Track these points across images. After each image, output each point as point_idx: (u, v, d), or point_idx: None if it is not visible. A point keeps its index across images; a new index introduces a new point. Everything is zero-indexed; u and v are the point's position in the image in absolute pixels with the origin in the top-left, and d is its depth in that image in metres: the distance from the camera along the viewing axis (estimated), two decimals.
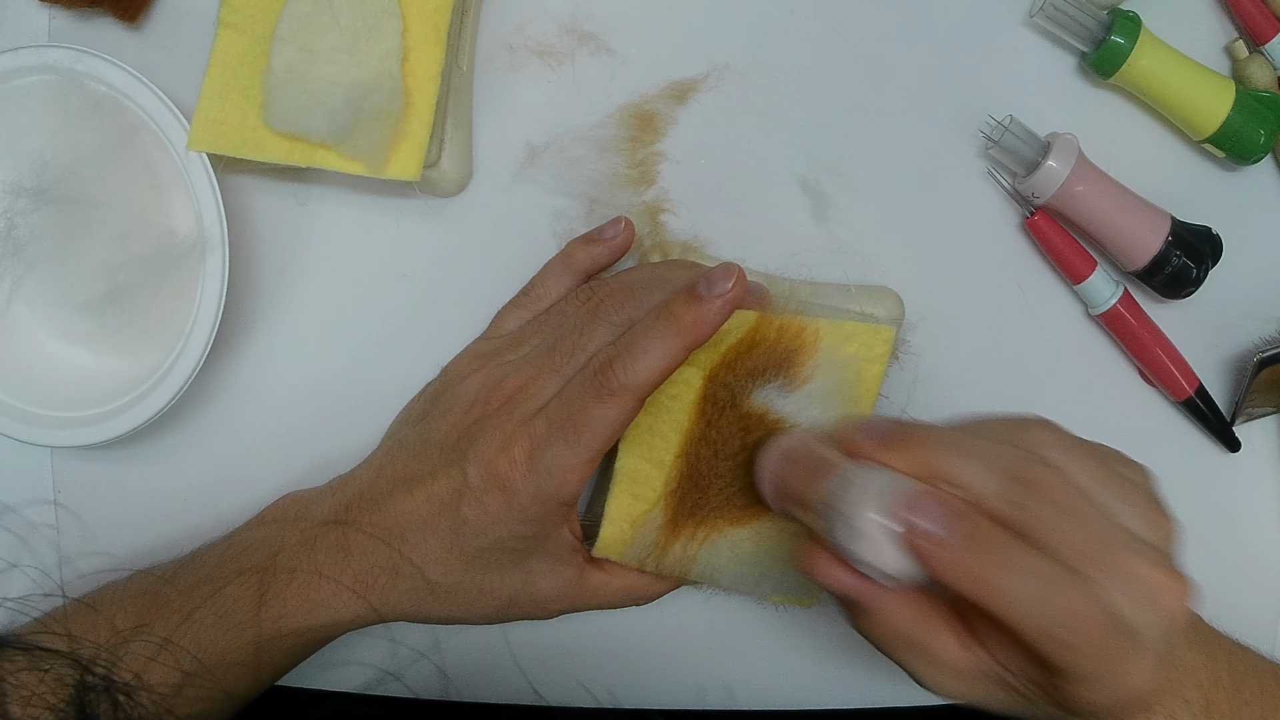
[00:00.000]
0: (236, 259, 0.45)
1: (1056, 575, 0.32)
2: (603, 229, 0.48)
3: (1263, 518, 0.52)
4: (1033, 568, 0.32)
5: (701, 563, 0.44)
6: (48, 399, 0.46)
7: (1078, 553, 0.32)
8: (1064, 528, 0.32)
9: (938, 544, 0.32)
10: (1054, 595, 0.31)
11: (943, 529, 0.32)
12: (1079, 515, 0.33)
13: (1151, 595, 0.32)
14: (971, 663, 0.35)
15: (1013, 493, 0.33)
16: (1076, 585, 0.32)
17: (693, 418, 0.43)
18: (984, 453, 0.34)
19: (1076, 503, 0.33)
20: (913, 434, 0.35)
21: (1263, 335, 0.50)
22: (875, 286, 0.48)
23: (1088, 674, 0.32)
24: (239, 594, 0.41)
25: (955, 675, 0.35)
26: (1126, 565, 0.32)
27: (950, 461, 0.34)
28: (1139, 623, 0.32)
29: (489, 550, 0.42)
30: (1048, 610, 0.31)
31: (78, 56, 0.43)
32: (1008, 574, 0.32)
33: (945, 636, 0.35)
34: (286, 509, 0.46)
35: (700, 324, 0.39)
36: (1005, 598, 0.31)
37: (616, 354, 0.40)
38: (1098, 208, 0.47)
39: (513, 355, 0.45)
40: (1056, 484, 0.33)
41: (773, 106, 0.49)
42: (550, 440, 0.40)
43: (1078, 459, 0.35)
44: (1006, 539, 0.32)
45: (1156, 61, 0.46)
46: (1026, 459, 0.34)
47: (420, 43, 0.44)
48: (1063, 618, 0.31)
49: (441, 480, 0.42)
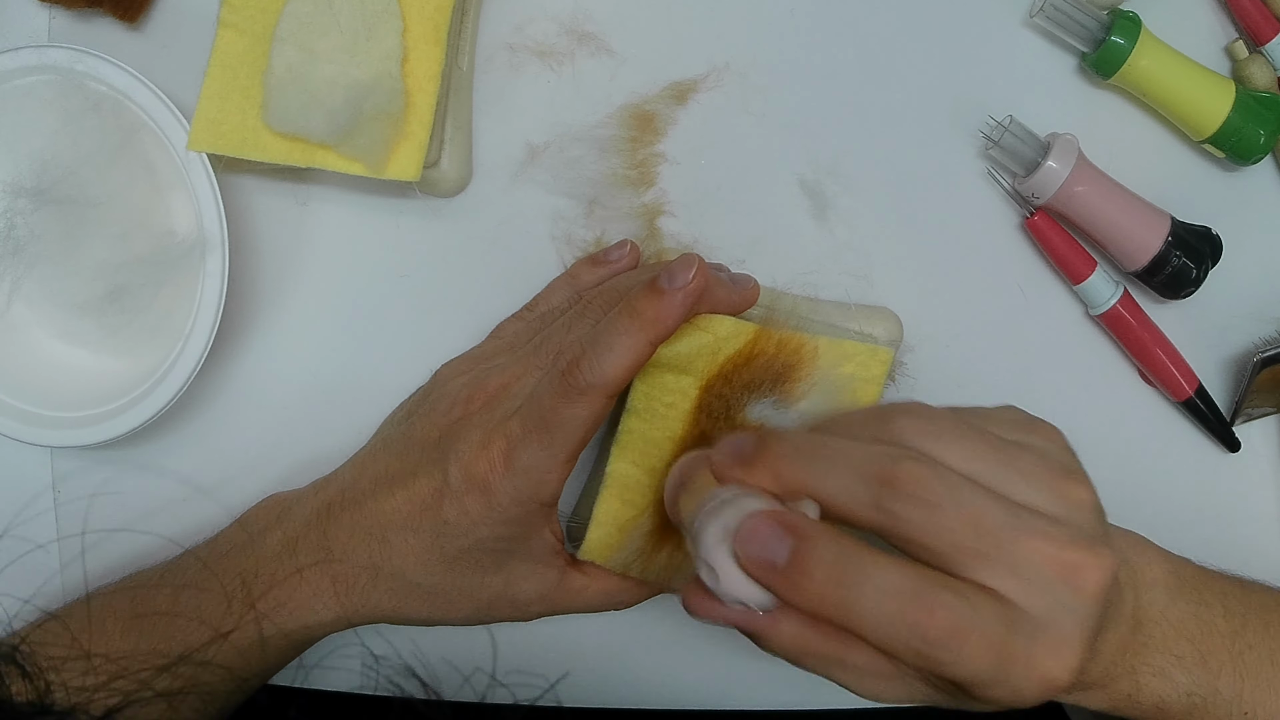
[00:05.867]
0: (236, 259, 0.45)
1: (916, 587, 0.29)
2: (608, 251, 0.47)
3: (1263, 518, 0.51)
4: (883, 584, 0.29)
5: (686, 572, 0.44)
6: (48, 399, 0.46)
7: (957, 549, 0.30)
8: (937, 525, 0.30)
9: (775, 572, 0.30)
10: (915, 611, 0.29)
11: (775, 555, 0.30)
12: (955, 507, 0.30)
13: (1060, 577, 0.30)
14: (888, 665, 0.32)
15: (877, 496, 0.30)
16: (943, 594, 0.29)
17: (687, 427, 0.43)
18: (845, 457, 0.32)
19: (952, 494, 0.30)
20: (769, 448, 0.33)
21: (1262, 335, 0.50)
22: (875, 307, 0.48)
23: (988, 679, 0.30)
24: (220, 598, 0.41)
25: (878, 679, 0.33)
26: (1021, 551, 0.30)
27: (808, 473, 0.32)
28: (1045, 611, 0.30)
29: (470, 551, 0.41)
30: (911, 630, 0.29)
31: (78, 56, 0.43)
32: (855, 593, 0.29)
33: (854, 643, 0.32)
34: (268, 510, 0.46)
35: (662, 317, 0.39)
36: (860, 620, 0.29)
37: (583, 352, 0.39)
38: (1098, 208, 0.47)
39: (502, 359, 0.45)
40: (925, 477, 0.30)
41: (773, 107, 0.49)
42: (525, 441, 0.40)
43: (955, 440, 0.32)
44: (851, 556, 0.30)
45: (1156, 62, 0.46)
46: (890, 455, 0.31)
47: (420, 43, 0.44)
48: (931, 634, 0.29)
49: (423, 480, 0.42)
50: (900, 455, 0.31)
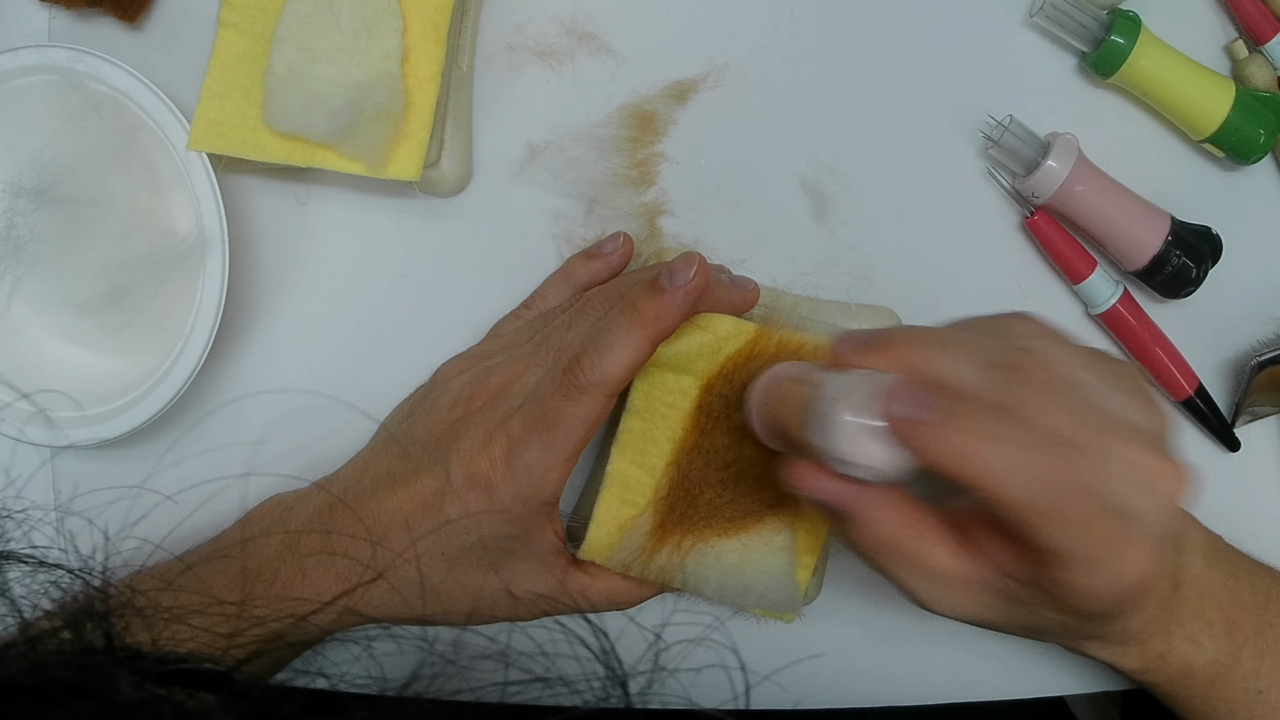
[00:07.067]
0: (236, 259, 0.45)
1: (1044, 445, 0.31)
2: (602, 244, 0.47)
3: (1263, 518, 0.51)
4: (1016, 438, 0.31)
5: (686, 571, 0.44)
6: (48, 399, 0.46)
7: (1066, 433, 0.31)
8: (1050, 409, 0.32)
9: (918, 425, 0.32)
10: (1041, 464, 0.31)
11: (921, 410, 0.32)
12: (1066, 399, 0.32)
13: (1147, 480, 0.32)
14: (965, 572, 0.34)
15: (996, 379, 0.32)
16: (1065, 455, 0.31)
17: (687, 427, 0.43)
18: (965, 346, 0.34)
19: (1062, 387, 0.32)
20: (891, 335, 0.35)
21: (1262, 335, 0.50)
22: (876, 306, 0.48)
23: (1080, 554, 0.31)
24: (222, 599, 0.41)
25: (949, 587, 0.34)
26: (1118, 449, 0.32)
27: (930, 357, 0.34)
28: (1134, 506, 0.31)
29: (472, 550, 0.41)
30: (1035, 482, 0.31)
31: (78, 56, 0.44)
32: (991, 446, 0.31)
33: (936, 547, 0.34)
34: (270, 510, 0.46)
35: (663, 316, 0.39)
36: (991, 471, 0.31)
37: (584, 350, 0.39)
38: (1098, 208, 0.47)
39: (503, 357, 0.45)
40: (1041, 369, 0.33)
41: (773, 106, 0.49)
42: (527, 440, 0.40)
43: (1063, 347, 0.34)
44: (988, 413, 0.32)
45: (1156, 61, 0.47)
46: (1009, 348, 0.34)
47: (420, 43, 0.44)
48: (1051, 488, 0.31)
49: (425, 479, 0.42)
50: (1020, 348, 0.34)
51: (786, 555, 0.43)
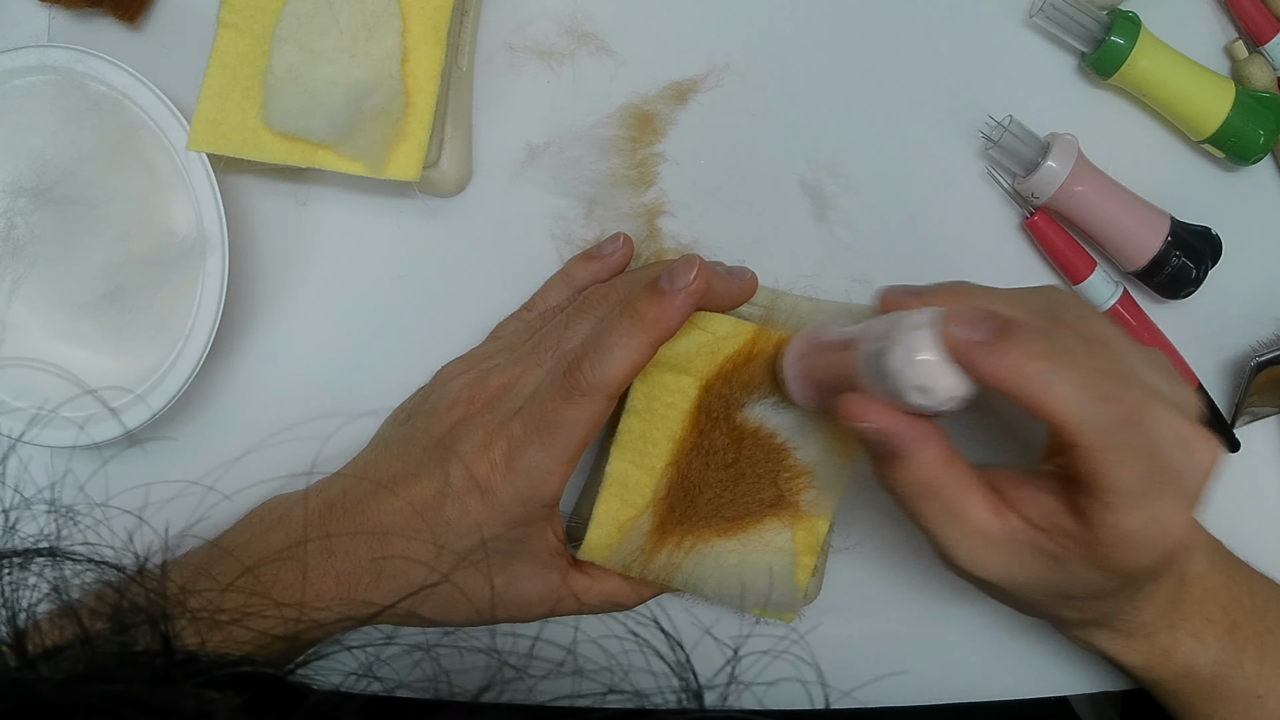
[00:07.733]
0: (236, 259, 0.45)
1: (1103, 369, 0.32)
2: (602, 245, 0.47)
3: (1263, 517, 0.51)
4: (1075, 361, 0.32)
5: (686, 571, 0.44)
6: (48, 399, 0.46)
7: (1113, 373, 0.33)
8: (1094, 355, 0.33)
9: (979, 345, 0.33)
10: (1099, 389, 0.32)
11: (980, 330, 0.33)
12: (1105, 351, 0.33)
13: (1187, 441, 0.32)
14: (1002, 529, 0.35)
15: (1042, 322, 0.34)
16: (1122, 383, 0.32)
17: (686, 427, 0.43)
18: (1009, 295, 0.36)
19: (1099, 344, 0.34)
20: (940, 287, 0.37)
21: (1261, 336, 0.50)
22: (876, 307, 0.48)
23: (1129, 488, 0.32)
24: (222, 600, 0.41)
25: (985, 542, 0.35)
26: (1152, 410, 0.33)
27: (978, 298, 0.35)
28: (1175, 461, 0.32)
29: (472, 552, 0.41)
30: (1094, 404, 0.31)
31: (78, 56, 0.44)
32: (1049, 363, 0.32)
33: (976, 499, 0.35)
34: (270, 511, 0.45)
35: (664, 319, 0.39)
36: (1050, 389, 0.32)
37: (584, 353, 0.39)
38: (1097, 208, 0.47)
39: (502, 358, 0.45)
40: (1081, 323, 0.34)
41: (773, 106, 0.49)
42: (526, 442, 0.40)
43: (1097, 317, 0.36)
44: (1043, 337, 0.33)
45: (1156, 62, 0.47)
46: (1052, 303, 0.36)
47: (420, 43, 0.44)
48: (1108, 412, 0.31)
49: (425, 481, 0.42)
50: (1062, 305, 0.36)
51: (786, 555, 0.43)
